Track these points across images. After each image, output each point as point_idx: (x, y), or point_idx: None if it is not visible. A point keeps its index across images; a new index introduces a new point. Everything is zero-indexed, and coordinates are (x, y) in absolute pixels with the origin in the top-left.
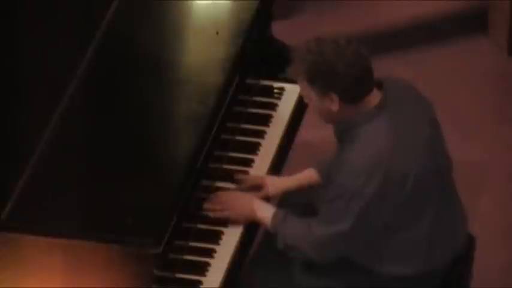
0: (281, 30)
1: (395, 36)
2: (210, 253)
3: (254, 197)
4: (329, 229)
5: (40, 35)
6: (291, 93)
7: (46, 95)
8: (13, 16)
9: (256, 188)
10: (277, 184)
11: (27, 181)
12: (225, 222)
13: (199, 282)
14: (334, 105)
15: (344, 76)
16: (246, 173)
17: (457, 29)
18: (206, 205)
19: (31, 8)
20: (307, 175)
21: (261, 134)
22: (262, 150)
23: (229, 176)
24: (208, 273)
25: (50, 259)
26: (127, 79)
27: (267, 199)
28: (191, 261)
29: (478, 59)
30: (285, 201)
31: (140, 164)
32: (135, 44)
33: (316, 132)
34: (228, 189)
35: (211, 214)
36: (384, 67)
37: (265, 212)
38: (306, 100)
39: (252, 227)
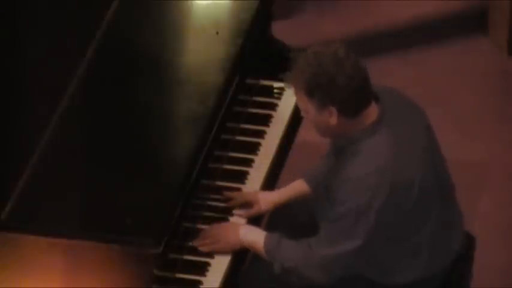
0: (281, 30)
1: (395, 36)
2: (210, 253)
3: (241, 224)
4: (336, 248)
5: (40, 35)
6: (291, 93)
7: (46, 95)
8: (13, 16)
9: (248, 204)
10: (269, 199)
11: (27, 181)
12: (216, 254)
13: (199, 282)
14: (332, 118)
15: (344, 88)
16: (245, 172)
17: (457, 29)
18: (195, 242)
19: (31, 8)
20: (298, 187)
21: (261, 134)
22: (262, 150)
23: (228, 176)
24: (208, 273)
25: (50, 259)
26: (127, 79)
27: (261, 215)
28: (191, 261)
29: (478, 59)
30: (284, 210)
31: (140, 164)
32: (135, 44)
33: (316, 133)
34: (230, 188)
35: (202, 249)
36: (384, 67)
37: (256, 237)
38: (302, 114)
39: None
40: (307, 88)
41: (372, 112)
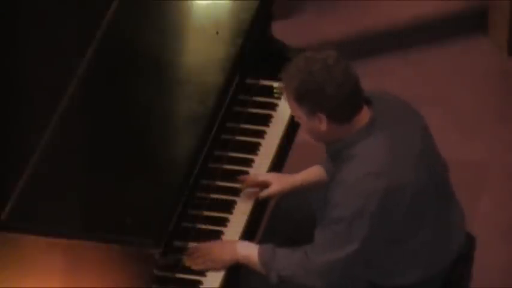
0: (281, 30)
1: (396, 36)
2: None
3: (236, 241)
4: (333, 254)
5: (40, 35)
6: None
7: (46, 95)
8: (13, 16)
9: (260, 186)
10: (282, 181)
11: (27, 181)
12: (207, 271)
13: (199, 282)
14: (322, 125)
15: (333, 97)
16: (245, 173)
17: (457, 29)
18: (187, 262)
19: (31, 8)
20: (314, 172)
21: (261, 134)
22: (262, 150)
23: (229, 176)
24: (208, 273)
25: (50, 259)
26: (127, 79)
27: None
28: None
29: (478, 59)
30: (280, 207)
31: (140, 164)
32: (135, 44)
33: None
34: (230, 188)
35: (194, 267)
36: (384, 67)
37: (250, 251)
38: (296, 119)
39: (252, 228)
40: (297, 95)
41: (364, 116)
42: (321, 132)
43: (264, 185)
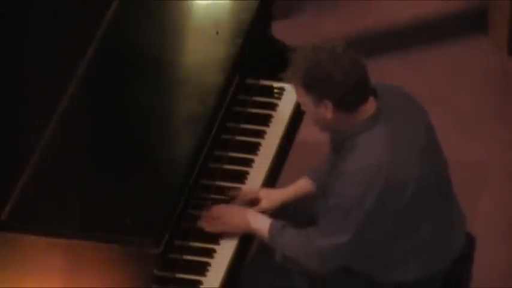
0: (281, 30)
1: (396, 36)
2: (210, 253)
3: (248, 209)
4: (329, 240)
5: (40, 35)
6: (291, 93)
7: (46, 95)
8: (13, 16)
9: (251, 202)
10: (272, 197)
11: (27, 181)
12: (220, 236)
13: (199, 282)
14: (328, 112)
15: (340, 85)
16: (245, 172)
17: (457, 29)
18: (203, 223)
19: (31, 8)
20: (303, 185)
21: (261, 134)
22: (262, 150)
23: (228, 176)
24: (208, 273)
25: (50, 259)
26: (127, 79)
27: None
28: (191, 261)
29: (478, 59)
30: (283, 210)
31: (140, 164)
32: (135, 44)
33: (316, 132)
34: (228, 188)
35: (206, 229)
36: (384, 67)
37: (261, 224)
38: (303, 107)
39: None
40: (305, 83)
41: (370, 107)
42: (326, 120)
43: (254, 202)
